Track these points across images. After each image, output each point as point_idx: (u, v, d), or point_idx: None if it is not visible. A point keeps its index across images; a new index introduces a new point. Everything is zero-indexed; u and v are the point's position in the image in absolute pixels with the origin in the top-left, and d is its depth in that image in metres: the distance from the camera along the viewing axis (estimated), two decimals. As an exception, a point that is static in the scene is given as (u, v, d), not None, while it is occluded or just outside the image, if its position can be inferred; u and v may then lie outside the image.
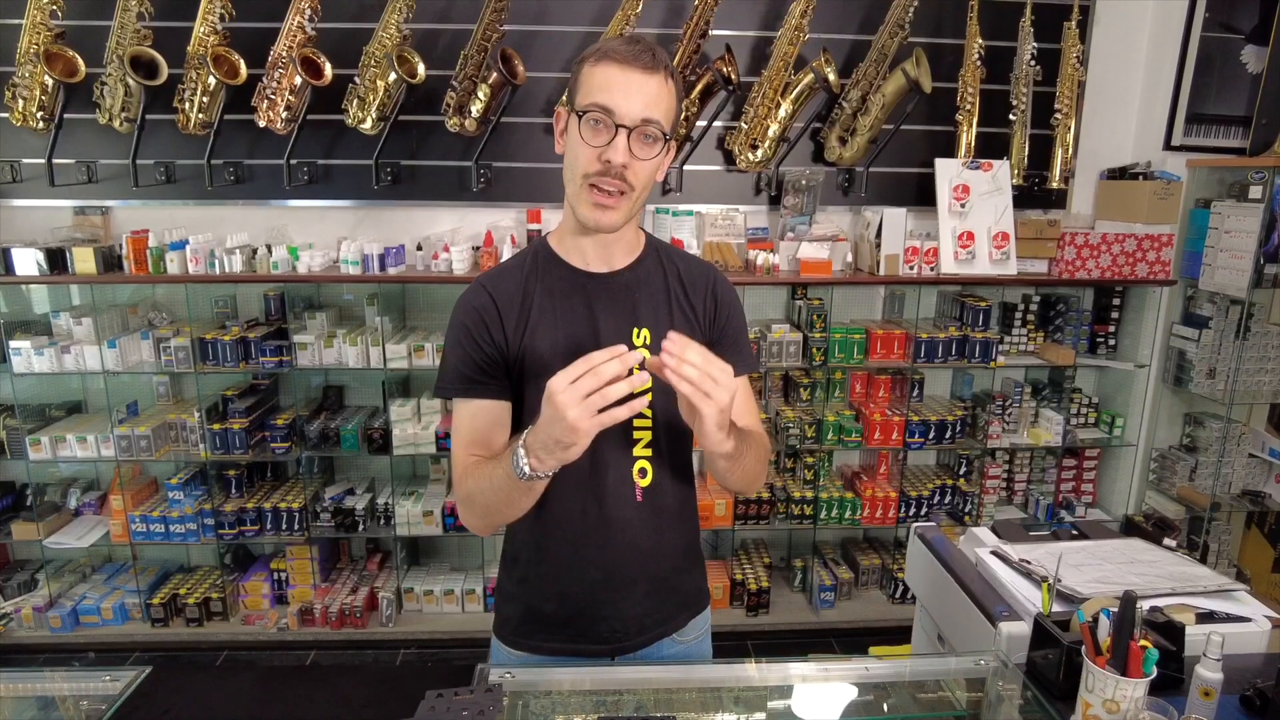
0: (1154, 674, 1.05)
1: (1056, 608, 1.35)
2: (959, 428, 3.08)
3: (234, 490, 3.05)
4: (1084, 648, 1.11)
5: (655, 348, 1.22)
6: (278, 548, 3.14)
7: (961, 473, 3.22)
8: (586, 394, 0.95)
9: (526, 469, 1.04)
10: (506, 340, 1.21)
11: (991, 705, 1.31)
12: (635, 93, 1.10)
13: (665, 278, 1.27)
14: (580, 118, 1.12)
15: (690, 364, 0.99)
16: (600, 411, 0.96)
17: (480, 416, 1.23)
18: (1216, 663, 1.12)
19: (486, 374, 1.22)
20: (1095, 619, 1.15)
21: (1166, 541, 1.75)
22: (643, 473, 1.25)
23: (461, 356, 1.22)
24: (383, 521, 3.05)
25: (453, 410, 1.26)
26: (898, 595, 3.19)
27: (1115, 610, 1.10)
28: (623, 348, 0.97)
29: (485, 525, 1.23)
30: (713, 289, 1.29)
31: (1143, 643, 1.07)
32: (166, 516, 2.97)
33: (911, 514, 3.13)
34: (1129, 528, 3.19)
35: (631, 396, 0.97)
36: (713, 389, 1.00)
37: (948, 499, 3.18)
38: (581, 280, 1.24)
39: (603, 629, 1.29)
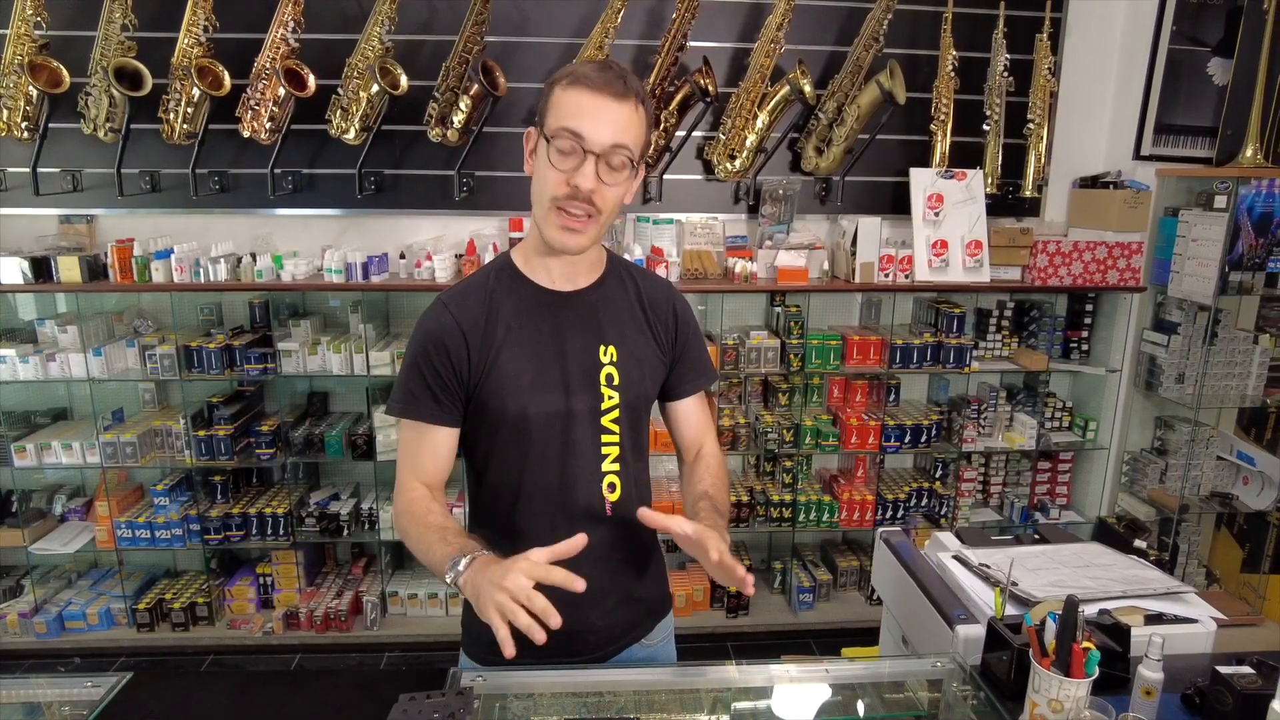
0: (1096, 674, 1.10)
1: (1013, 611, 1.39)
2: (935, 432, 3.14)
3: (219, 496, 3.07)
4: (1030, 650, 1.16)
5: (622, 364, 1.26)
6: (263, 552, 3.16)
7: (937, 476, 3.27)
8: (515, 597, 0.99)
9: (454, 585, 1.08)
10: (469, 361, 1.20)
11: (948, 706, 1.35)
12: (605, 119, 1.11)
13: (629, 296, 1.30)
14: (550, 142, 1.14)
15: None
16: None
17: (421, 442, 1.24)
18: (1157, 663, 1.17)
19: (435, 399, 1.21)
20: (1043, 622, 1.20)
21: (1137, 543, 1.81)
22: (611, 487, 1.27)
23: (414, 377, 1.21)
24: (367, 526, 3.08)
25: (398, 429, 1.28)
26: (875, 596, 3.24)
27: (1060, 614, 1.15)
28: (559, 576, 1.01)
29: None
30: (673, 307, 1.33)
31: (1085, 645, 1.11)
32: (152, 522, 2.99)
33: (888, 517, 3.19)
34: (1101, 529, 3.26)
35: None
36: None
37: (924, 502, 3.23)
38: (548, 299, 1.25)
39: (575, 643, 1.28)
